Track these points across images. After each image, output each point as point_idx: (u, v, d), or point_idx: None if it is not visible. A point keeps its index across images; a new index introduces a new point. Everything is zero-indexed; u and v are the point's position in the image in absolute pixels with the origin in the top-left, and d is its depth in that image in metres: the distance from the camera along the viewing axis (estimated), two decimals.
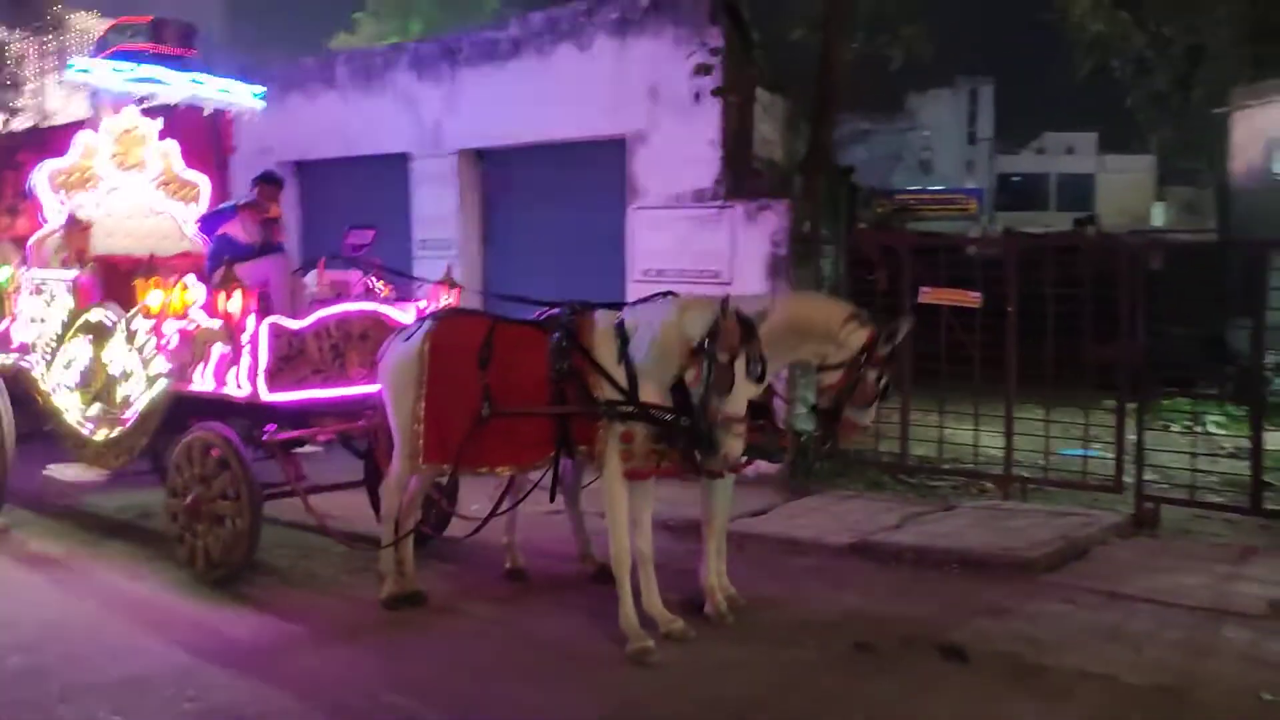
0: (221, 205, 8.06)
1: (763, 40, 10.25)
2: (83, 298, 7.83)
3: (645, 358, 5.55)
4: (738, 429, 5.20)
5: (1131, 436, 8.53)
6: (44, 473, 7.94)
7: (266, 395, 6.83)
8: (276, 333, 6.83)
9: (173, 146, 8.88)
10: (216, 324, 6.95)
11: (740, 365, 5.13)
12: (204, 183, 9.10)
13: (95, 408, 7.74)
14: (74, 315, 7.83)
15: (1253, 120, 17.53)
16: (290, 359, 6.92)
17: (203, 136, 9.35)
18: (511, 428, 5.89)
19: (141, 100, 8.51)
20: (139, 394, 7.40)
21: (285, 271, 7.60)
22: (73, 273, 7.88)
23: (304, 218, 13.01)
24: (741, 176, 9.99)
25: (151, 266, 7.25)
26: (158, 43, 8.23)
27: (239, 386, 6.83)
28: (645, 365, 5.55)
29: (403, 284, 8.30)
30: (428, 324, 6.24)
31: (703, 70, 9.65)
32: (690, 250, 10.07)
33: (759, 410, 5.77)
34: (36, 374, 8.11)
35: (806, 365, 6.32)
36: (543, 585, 6.90)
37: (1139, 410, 8.62)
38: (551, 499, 6.13)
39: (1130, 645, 5.75)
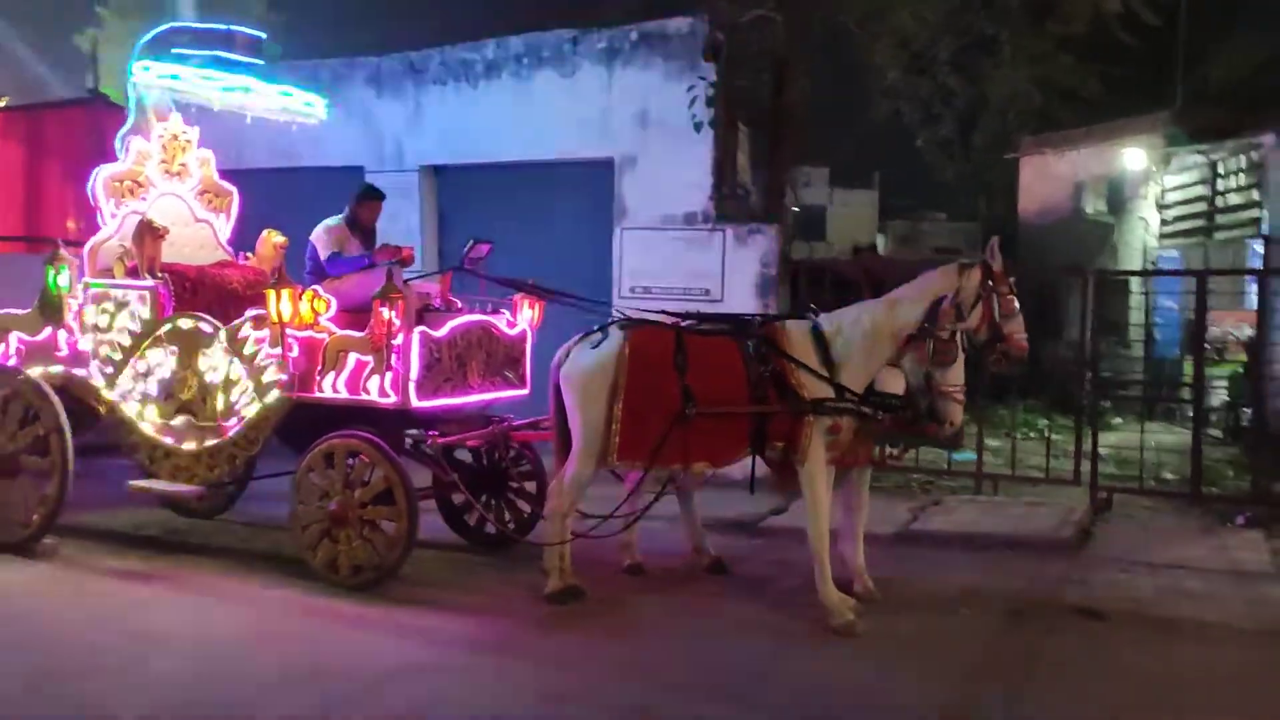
0: (328, 221, 8.06)
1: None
2: (162, 307, 7.68)
3: (854, 353, 6.31)
4: (958, 396, 6.07)
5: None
6: (129, 486, 7.72)
7: (416, 402, 7.05)
8: (424, 342, 7.06)
9: (209, 155, 8.76)
10: (352, 333, 7.12)
11: (959, 339, 6.01)
12: (235, 193, 9.00)
13: (180, 419, 7.61)
14: (152, 324, 7.66)
15: (1052, 165, 19.96)
16: (430, 367, 7.16)
17: (86, 139, 9.20)
18: (710, 427, 6.45)
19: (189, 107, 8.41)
20: (245, 404, 7.38)
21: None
22: (149, 282, 7.71)
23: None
24: (729, 201, 10.80)
25: (282, 276, 7.25)
26: (229, 50, 8.15)
27: (385, 394, 7.01)
28: (852, 361, 6.30)
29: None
30: (617, 332, 6.70)
31: (708, 103, 10.38)
32: (679, 269, 10.78)
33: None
34: (96, 384, 7.85)
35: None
36: (666, 579, 7.42)
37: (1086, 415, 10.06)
38: (751, 491, 6.72)
39: (1210, 601, 6.95)
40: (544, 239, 11.44)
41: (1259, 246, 15.12)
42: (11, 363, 8.12)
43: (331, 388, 7.16)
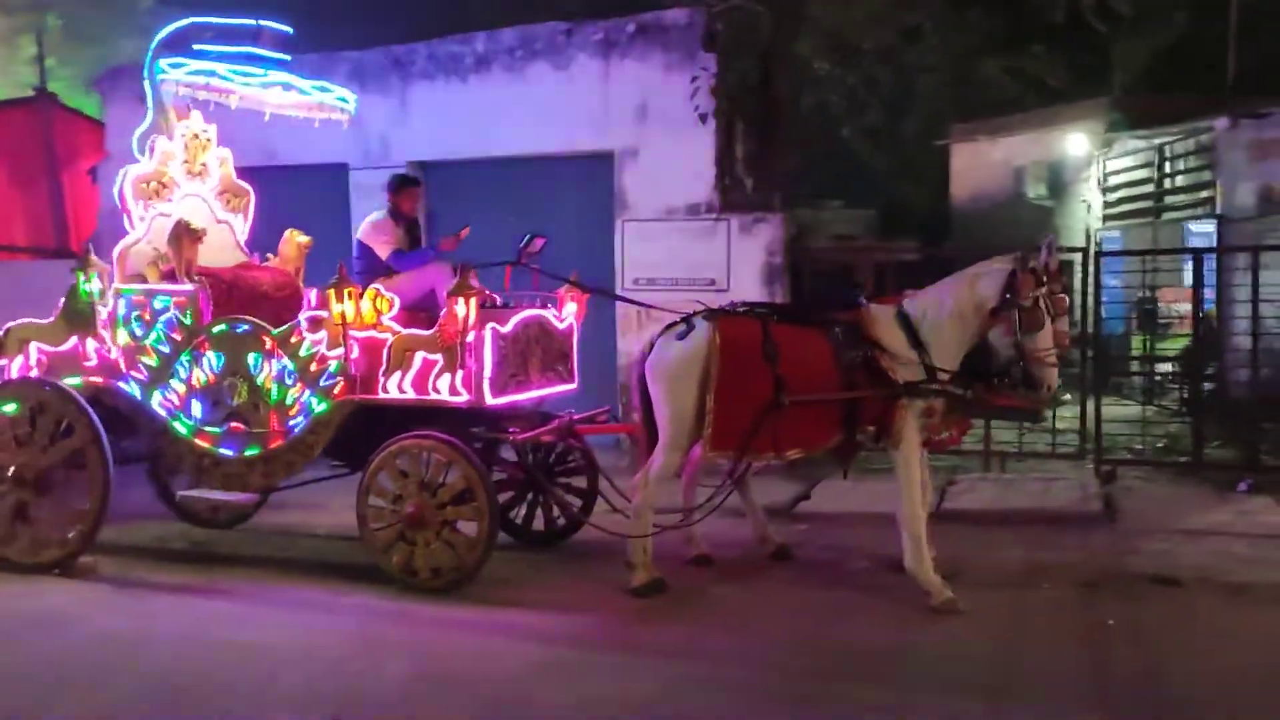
0: (373, 217, 7.88)
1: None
2: (203, 311, 7.43)
3: (942, 333, 6.46)
4: (1050, 359, 6.24)
5: None
6: (181, 495, 7.47)
7: (491, 400, 6.95)
8: (494, 337, 6.97)
9: (227, 154, 8.48)
10: (419, 331, 6.99)
11: (1043, 304, 6.17)
12: (252, 192, 8.74)
13: (231, 425, 7.37)
14: (194, 330, 7.41)
15: (986, 151, 20.51)
16: (499, 364, 7.07)
17: (33, 141, 8.92)
18: (802, 415, 6.52)
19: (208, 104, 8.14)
20: (302, 408, 7.19)
21: (448, 279, 7.62)
22: (188, 286, 7.45)
23: None
24: (732, 191, 10.86)
25: (341, 277, 7.06)
26: (256, 46, 7.90)
27: (456, 393, 6.89)
28: (941, 341, 6.43)
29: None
30: (704, 323, 6.70)
31: (713, 93, 10.42)
32: (683, 260, 10.81)
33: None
34: (133, 393, 7.55)
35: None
36: (734, 568, 7.44)
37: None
38: (845, 477, 6.80)
39: (1266, 565, 7.23)
40: (543, 233, 11.33)
41: (1194, 227, 15.85)
42: (34, 374, 7.77)
43: (397, 388, 7.01)
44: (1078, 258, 11.30)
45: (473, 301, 6.81)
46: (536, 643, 5.94)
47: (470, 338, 6.84)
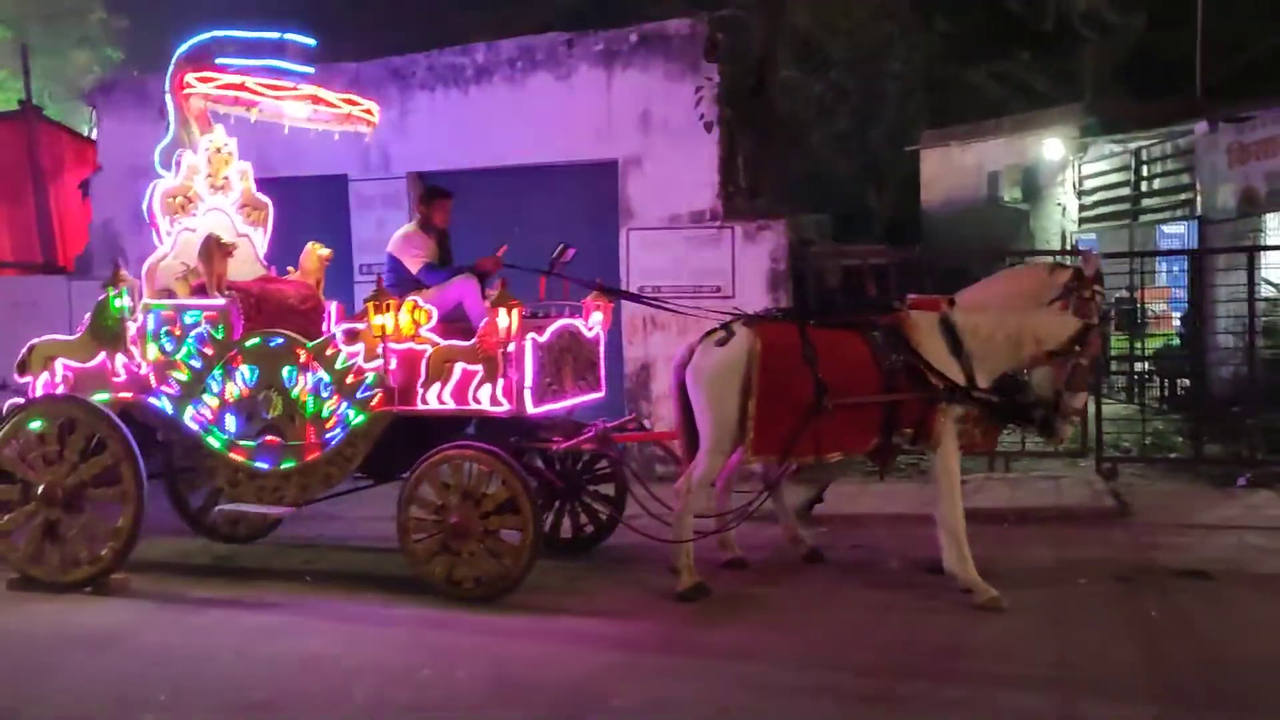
0: (405, 229, 7.90)
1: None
2: (235, 325, 7.42)
3: (992, 353, 6.59)
4: (1076, 419, 6.40)
5: None
6: (219, 509, 7.46)
7: (532, 410, 7.01)
8: (534, 347, 7.03)
9: (248, 167, 8.47)
10: (457, 343, 7.04)
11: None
12: (270, 206, 8.72)
13: (266, 438, 7.37)
14: (226, 344, 7.39)
15: (957, 156, 20.81)
16: (538, 374, 7.12)
17: (17, 155, 8.85)
18: (844, 418, 6.63)
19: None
20: (339, 420, 7.20)
21: (477, 292, 7.66)
22: (219, 301, 7.44)
23: None
24: (736, 198, 10.98)
25: (380, 290, 7.08)
26: (281, 58, 7.91)
27: (497, 403, 6.94)
28: (988, 359, 6.57)
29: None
30: (744, 329, 6.79)
31: (719, 101, 10.54)
32: (689, 268, 10.89)
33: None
34: (164, 408, 7.52)
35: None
36: (768, 571, 7.54)
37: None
38: (881, 478, 6.92)
39: None
40: (546, 242, 11.37)
41: (1167, 229, 16.24)
42: (59, 391, 7.71)
43: (437, 399, 7.05)
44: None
45: (515, 312, 6.86)
46: (596, 648, 6.00)
47: (511, 347, 6.89)
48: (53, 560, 7.45)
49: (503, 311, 6.82)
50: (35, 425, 7.54)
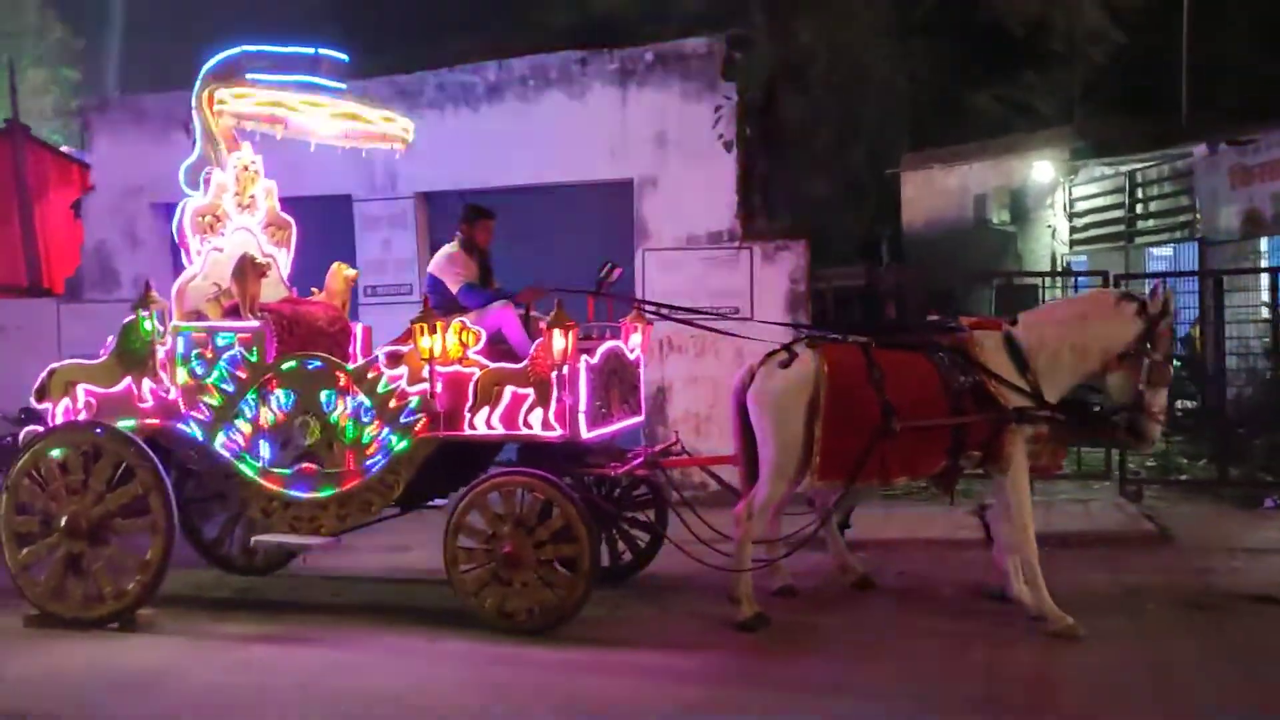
0: (447, 249, 7.65)
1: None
2: (269, 348, 7.15)
3: (1060, 367, 6.45)
4: (1163, 417, 6.29)
5: None
6: (255, 540, 7.15)
7: (586, 434, 6.79)
8: (588, 370, 6.82)
9: (273, 185, 8.20)
10: (507, 365, 6.82)
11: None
12: (294, 225, 8.44)
13: (302, 465, 7.08)
14: (260, 368, 7.11)
15: (940, 179, 20.86)
16: (590, 397, 6.91)
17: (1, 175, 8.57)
18: (911, 441, 6.47)
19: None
20: (381, 446, 6.94)
21: (516, 319, 7.42)
22: (254, 323, 7.17)
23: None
24: (754, 219, 10.85)
25: (427, 311, 6.84)
26: (314, 74, 7.65)
27: (549, 427, 6.71)
28: (1057, 374, 6.44)
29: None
30: (808, 351, 6.63)
31: (741, 120, 10.42)
32: (706, 288, 10.72)
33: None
34: (193, 433, 7.22)
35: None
36: (820, 598, 7.36)
37: None
38: (951, 502, 6.75)
39: None
40: (558, 263, 11.17)
41: (1156, 251, 16.36)
42: (81, 417, 7.38)
43: (485, 424, 6.80)
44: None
45: (571, 334, 6.64)
46: (672, 682, 5.79)
47: (564, 370, 6.68)
48: (75, 595, 7.11)
49: (558, 333, 6.59)
50: (56, 453, 7.19)
